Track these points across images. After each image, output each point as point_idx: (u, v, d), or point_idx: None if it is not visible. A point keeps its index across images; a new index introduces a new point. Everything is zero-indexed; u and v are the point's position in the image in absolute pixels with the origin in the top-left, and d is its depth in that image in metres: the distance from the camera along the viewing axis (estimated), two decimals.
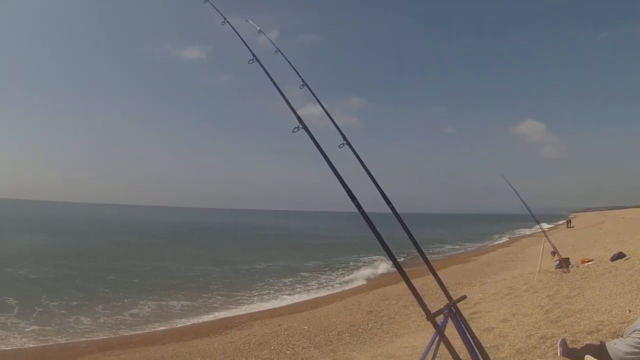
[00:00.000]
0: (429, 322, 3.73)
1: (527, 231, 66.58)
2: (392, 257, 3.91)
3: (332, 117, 4.71)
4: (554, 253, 14.88)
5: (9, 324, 14.48)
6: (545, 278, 13.48)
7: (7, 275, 22.75)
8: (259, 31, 5.26)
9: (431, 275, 4.66)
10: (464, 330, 3.93)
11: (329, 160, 3.79)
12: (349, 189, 3.70)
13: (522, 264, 23.23)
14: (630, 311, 7.50)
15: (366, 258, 33.97)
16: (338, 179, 3.70)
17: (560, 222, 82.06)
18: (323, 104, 4.98)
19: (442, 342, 3.72)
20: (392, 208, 4.37)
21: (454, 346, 3.70)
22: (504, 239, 55.85)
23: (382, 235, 3.79)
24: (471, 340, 3.90)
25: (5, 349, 12.34)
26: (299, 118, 3.92)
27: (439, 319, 3.90)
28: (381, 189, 4.38)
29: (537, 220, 17.81)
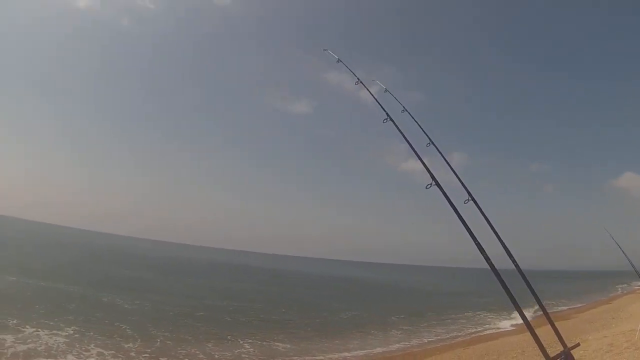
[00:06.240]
0: None
1: (629, 288, 61.99)
2: (514, 303, 4.06)
3: (457, 174, 4.93)
4: None
5: (129, 349, 15.70)
6: None
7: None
8: (386, 90, 5.66)
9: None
10: None
11: (461, 216, 4.01)
12: (481, 246, 3.89)
13: (624, 322, 21.79)
14: None
15: (469, 313, 33.53)
16: (471, 236, 3.91)
17: None
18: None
19: None
20: (516, 265, 4.50)
21: None
22: (605, 296, 52.23)
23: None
24: None
25: None
26: (432, 176, 4.19)
27: None
28: (506, 246, 4.52)
29: None
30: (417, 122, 5.33)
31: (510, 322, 28.51)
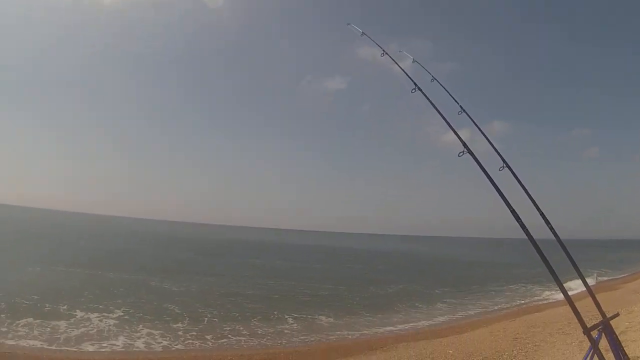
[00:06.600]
0: (585, 335, 3.83)
1: None
2: (552, 273, 3.97)
3: (491, 141, 4.76)
4: None
5: (177, 328, 16.20)
6: None
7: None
8: (414, 61, 5.50)
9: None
10: (617, 348, 3.95)
11: (494, 183, 3.87)
12: (517, 214, 3.75)
13: None
14: None
15: (514, 285, 33.05)
16: (506, 204, 3.76)
17: None
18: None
19: (596, 356, 3.77)
20: (555, 234, 4.33)
21: None
22: None
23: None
24: (622, 358, 3.92)
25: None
26: (464, 143, 4.05)
27: (594, 333, 3.93)
28: (544, 214, 4.34)
29: None
30: (446, 89, 5.15)
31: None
